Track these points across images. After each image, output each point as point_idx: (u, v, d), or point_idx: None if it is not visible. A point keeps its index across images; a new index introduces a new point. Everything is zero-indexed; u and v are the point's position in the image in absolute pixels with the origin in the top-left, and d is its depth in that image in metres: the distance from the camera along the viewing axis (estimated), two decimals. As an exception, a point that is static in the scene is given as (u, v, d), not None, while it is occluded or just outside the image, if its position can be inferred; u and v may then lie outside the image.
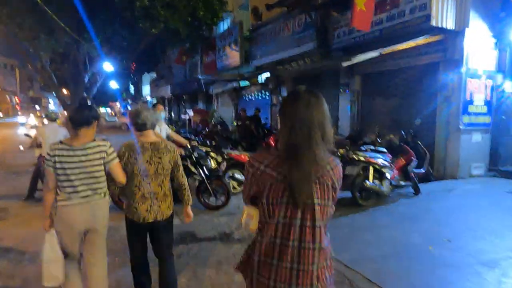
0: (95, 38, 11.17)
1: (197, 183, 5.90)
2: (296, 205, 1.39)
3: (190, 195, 2.96)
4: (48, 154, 2.52)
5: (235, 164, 6.66)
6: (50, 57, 17.15)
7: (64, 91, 15.54)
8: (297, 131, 1.40)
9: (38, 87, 58.03)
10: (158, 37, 12.96)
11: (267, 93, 14.60)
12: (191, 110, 14.67)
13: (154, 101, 37.61)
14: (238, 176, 6.76)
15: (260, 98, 15.25)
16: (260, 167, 1.45)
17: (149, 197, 2.67)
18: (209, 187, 5.74)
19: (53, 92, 13.20)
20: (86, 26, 11.01)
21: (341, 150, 7.00)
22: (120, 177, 2.64)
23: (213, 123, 12.94)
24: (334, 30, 9.36)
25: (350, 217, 5.28)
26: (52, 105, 57.34)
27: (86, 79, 11.98)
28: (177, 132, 13.35)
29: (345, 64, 7.82)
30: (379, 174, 5.90)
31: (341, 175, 1.51)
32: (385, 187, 5.86)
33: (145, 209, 2.66)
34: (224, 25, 15.70)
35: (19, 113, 45.67)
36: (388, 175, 5.90)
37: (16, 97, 55.51)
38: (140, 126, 2.73)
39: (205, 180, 5.74)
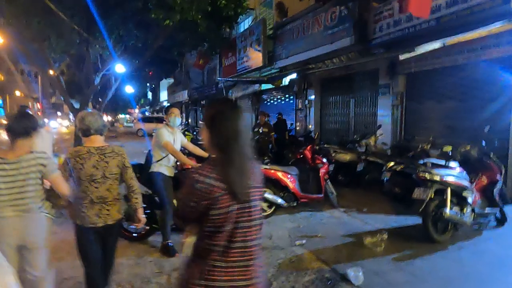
0: (107, 37, 10.09)
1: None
2: (241, 210, 1.47)
3: (140, 198, 2.85)
4: None
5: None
6: (66, 63, 16.22)
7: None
8: (234, 142, 1.47)
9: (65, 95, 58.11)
10: (174, 37, 11.80)
11: (291, 97, 13.21)
12: None
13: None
14: (269, 196, 5.37)
15: (283, 102, 13.87)
16: (206, 180, 1.44)
17: (98, 201, 2.63)
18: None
19: (61, 97, 12.14)
20: (97, 25, 9.95)
21: (391, 163, 5.55)
22: (63, 189, 2.54)
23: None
24: (375, 23, 7.92)
25: (429, 260, 3.82)
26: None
27: (96, 81, 10.85)
28: (195, 140, 12.09)
29: (403, 57, 6.44)
30: (458, 199, 4.42)
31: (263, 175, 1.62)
32: (468, 217, 4.36)
33: (94, 213, 2.62)
34: (245, 24, 14.43)
35: (44, 119, 45.65)
36: (469, 200, 4.41)
37: (38, 104, 55.85)
38: (85, 132, 2.66)
39: None
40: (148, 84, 37.47)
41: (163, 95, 39.73)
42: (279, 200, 5.40)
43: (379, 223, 5.10)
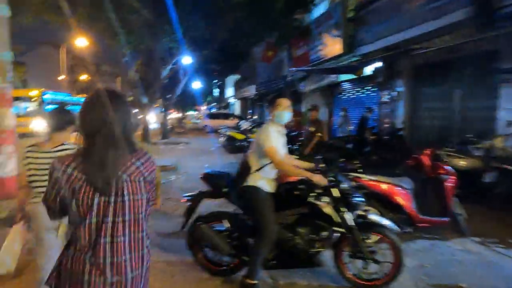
0: (177, 28, 9.38)
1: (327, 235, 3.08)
2: (107, 204, 1.40)
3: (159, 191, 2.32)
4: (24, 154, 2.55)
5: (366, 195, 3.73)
6: (138, 63, 16.24)
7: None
8: (99, 133, 1.42)
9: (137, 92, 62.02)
10: (243, 27, 10.76)
11: (373, 89, 11.36)
12: None
13: (237, 103, 36.37)
14: (374, 217, 3.85)
15: (363, 95, 12.04)
16: (68, 170, 1.41)
17: None
18: (362, 249, 2.95)
19: (130, 92, 11.80)
20: (165, 17, 9.31)
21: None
22: None
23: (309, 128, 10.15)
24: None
25: None
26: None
27: (163, 74, 10.24)
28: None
29: None
30: None
31: (154, 167, 1.55)
32: None
33: None
34: (320, 9, 12.83)
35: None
36: None
37: (117, 102, 59.94)
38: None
39: (355, 235, 2.93)
40: (216, 81, 37.65)
41: (229, 92, 39.63)
42: (389, 224, 3.90)
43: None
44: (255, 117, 26.46)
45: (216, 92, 47.11)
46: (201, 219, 3.25)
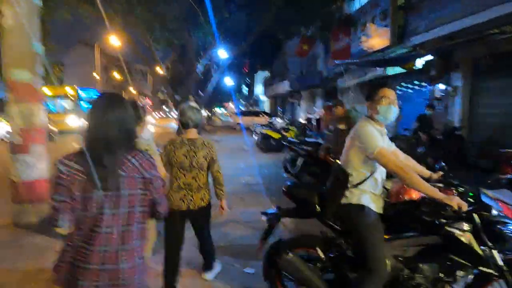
0: (212, 20, 8.80)
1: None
2: (104, 197, 1.52)
3: (224, 189, 3.01)
4: None
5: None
6: (171, 60, 15.88)
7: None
8: (98, 134, 1.55)
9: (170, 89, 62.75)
10: (279, 18, 10.03)
11: (422, 83, 10.31)
12: (318, 108, 11.20)
13: (266, 100, 35.65)
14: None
15: (410, 90, 10.99)
16: (69, 166, 1.53)
17: (184, 187, 2.81)
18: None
19: (163, 89, 11.34)
20: (199, 10, 8.72)
21: None
22: (160, 171, 2.44)
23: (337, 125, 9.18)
24: None
25: None
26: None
27: (198, 69, 9.70)
28: (304, 137, 10.18)
29: None
30: None
31: (152, 166, 1.64)
32: None
33: (179, 198, 2.81)
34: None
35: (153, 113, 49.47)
36: None
37: (148, 99, 61.07)
38: (183, 124, 2.84)
39: (509, 280, 2.04)
40: (243, 76, 37.10)
41: (258, 89, 38.98)
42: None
43: None
44: (288, 114, 25.66)
45: (244, 89, 46.64)
46: (285, 245, 2.56)
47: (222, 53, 9.76)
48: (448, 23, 7.74)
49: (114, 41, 27.52)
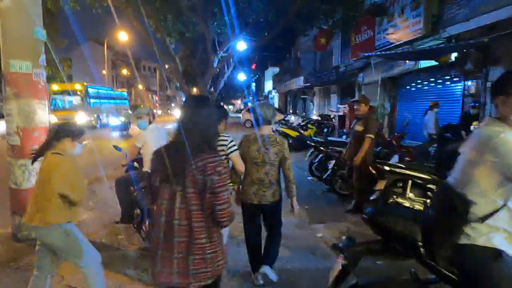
0: (227, 12, 8.09)
1: None
2: (174, 193, 1.68)
3: (295, 188, 3.00)
4: None
5: None
6: (180, 55, 15.29)
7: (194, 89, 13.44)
8: (180, 131, 1.72)
9: (174, 86, 62.39)
10: (301, 8, 9.28)
11: (454, 79, 9.49)
12: (334, 105, 10.42)
13: (276, 97, 34.88)
14: None
15: (439, 86, 10.16)
16: (153, 162, 1.80)
17: (256, 182, 2.91)
18: None
19: (177, 84, 10.63)
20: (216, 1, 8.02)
21: None
22: (239, 166, 2.91)
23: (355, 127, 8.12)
24: None
25: None
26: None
27: (215, 63, 8.99)
28: (326, 138, 9.43)
29: None
30: None
31: (215, 169, 1.65)
32: None
33: (252, 192, 2.94)
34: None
35: (158, 110, 48.93)
36: None
37: (156, 96, 60.61)
38: (257, 121, 2.94)
39: None
40: (252, 73, 36.35)
41: (268, 85, 38.20)
42: None
43: None
44: (298, 112, 24.90)
45: (253, 85, 45.88)
46: None
47: (242, 45, 9.03)
48: (491, 11, 6.95)
49: (123, 36, 26.97)
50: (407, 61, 9.10)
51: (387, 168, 4.31)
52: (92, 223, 4.73)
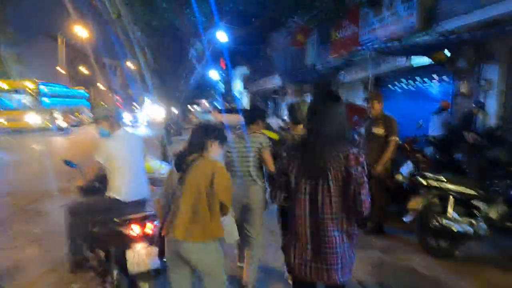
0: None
1: None
2: (316, 186, 1.74)
3: None
4: None
5: None
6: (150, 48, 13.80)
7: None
8: (313, 130, 1.81)
9: (138, 85, 59.23)
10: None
11: (443, 77, 9.01)
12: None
13: (245, 97, 33.81)
14: None
15: (425, 85, 9.65)
16: (290, 155, 1.85)
17: None
18: None
19: (146, 82, 9.24)
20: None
21: None
22: (270, 165, 2.88)
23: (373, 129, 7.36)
24: None
25: None
26: (149, 102, 58.15)
27: (191, 55, 7.75)
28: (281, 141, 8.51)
29: None
30: None
31: (358, 160, 1.70)
32: None
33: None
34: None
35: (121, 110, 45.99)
36: None
37: (117, 96, 57.37)
38: (294, 120, 3.04)
39: None
40: (221, 72, 35.03)
41: (237, 85, 37.03)
42: None
43: None
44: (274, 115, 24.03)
45: (221, 85, 44.43)
46: None
47: (221, 36, 7.87)
48: (492, 3, 6.41)
49: (81, 31, 24.66)
50: (399, 58, 8.43)
51: (423, 181, 3.43)
52: (34, 264, 3.41)
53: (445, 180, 3.38)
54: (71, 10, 20.17)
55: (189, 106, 47.76)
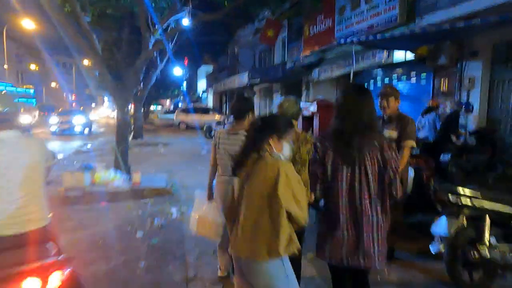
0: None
1: None
2: (353, 173, 1.86)
3: None
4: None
5: None
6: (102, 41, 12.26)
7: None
8: (348, 119, 1.91)
9: (94, 84, 55.59)
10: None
11: (422, 74, 8.58)
12: (312, 103, 8.67)
13: (210, 96, 32.47)
14: None
15: (402, 82, 9.19)
16: (324, 146, 1.97)
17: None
18: None
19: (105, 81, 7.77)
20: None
21: None
22: None
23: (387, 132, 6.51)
24: None
25: None
26: (107, 102, 54.82)
27: (151, 44, 6.53)
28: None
29: None
30: None
31: (391, 147, 1.89)
32: None
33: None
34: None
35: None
36: None
37: (72, 95, 53.55)
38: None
39: None
40: (184, 71, 33.42)
41: (201, 84, 35.64)
42: None
43: None
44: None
45: (184, 84, 42.64)
46: None
47: (185, 21, 6.77)
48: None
49: (29, 24, 22.10)
50: (379, 54, 7.83)
51: (452, 198, 2.66)
52: None
53: (480, 197, 2.65)
54: (16, 2, 17.93)
55: (151, 106, 45.35)
